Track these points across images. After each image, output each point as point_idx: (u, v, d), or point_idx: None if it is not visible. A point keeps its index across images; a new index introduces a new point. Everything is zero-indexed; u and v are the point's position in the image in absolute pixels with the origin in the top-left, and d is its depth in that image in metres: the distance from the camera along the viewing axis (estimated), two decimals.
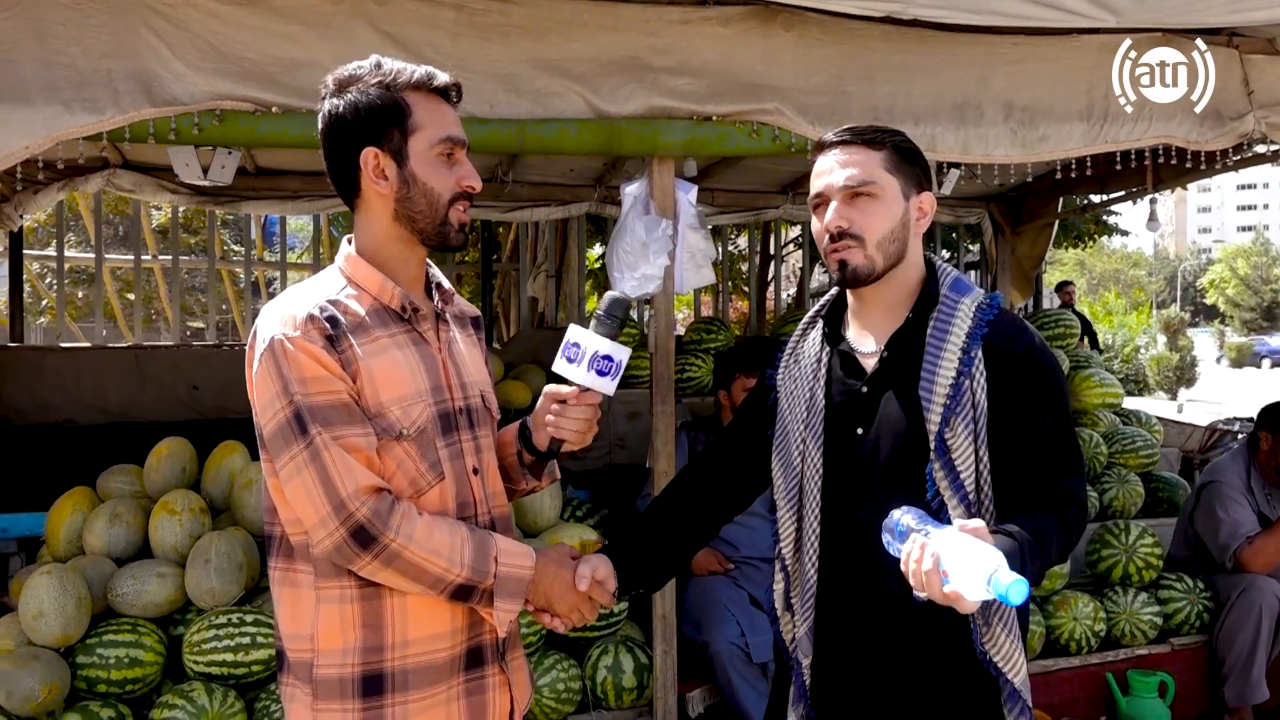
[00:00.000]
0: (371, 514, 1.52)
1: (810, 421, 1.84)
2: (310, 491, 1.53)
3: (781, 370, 1.97)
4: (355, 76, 1.63)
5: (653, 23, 3.24)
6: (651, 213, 3.27)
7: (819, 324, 1.95)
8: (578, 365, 1.72)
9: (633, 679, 3.47)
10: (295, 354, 1.54)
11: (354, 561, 1.54)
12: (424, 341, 1.69)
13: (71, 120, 2.77)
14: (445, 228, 1.66)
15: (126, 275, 11.42)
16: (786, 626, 1.92)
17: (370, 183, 1.64)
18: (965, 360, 1.72)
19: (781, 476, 1.89)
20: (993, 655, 1.72)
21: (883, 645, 1.78)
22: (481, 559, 1.60)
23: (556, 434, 1.77)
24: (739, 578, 3.79)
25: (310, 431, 1.52)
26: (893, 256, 1.79)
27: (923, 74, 3.43)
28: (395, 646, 1.60)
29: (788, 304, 8.27)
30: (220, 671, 3.06)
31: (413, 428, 1.61)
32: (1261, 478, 4.09)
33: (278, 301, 1.63)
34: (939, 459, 1.70)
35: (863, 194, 1.77)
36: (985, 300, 1.79)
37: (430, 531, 1.56)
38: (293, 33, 2.98)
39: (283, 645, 1.67)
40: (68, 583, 3.02)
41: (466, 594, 1.60)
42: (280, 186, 5.27)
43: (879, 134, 1.81)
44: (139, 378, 5.21)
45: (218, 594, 3.18)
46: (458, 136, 1.65)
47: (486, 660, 1.71)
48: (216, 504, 3.61)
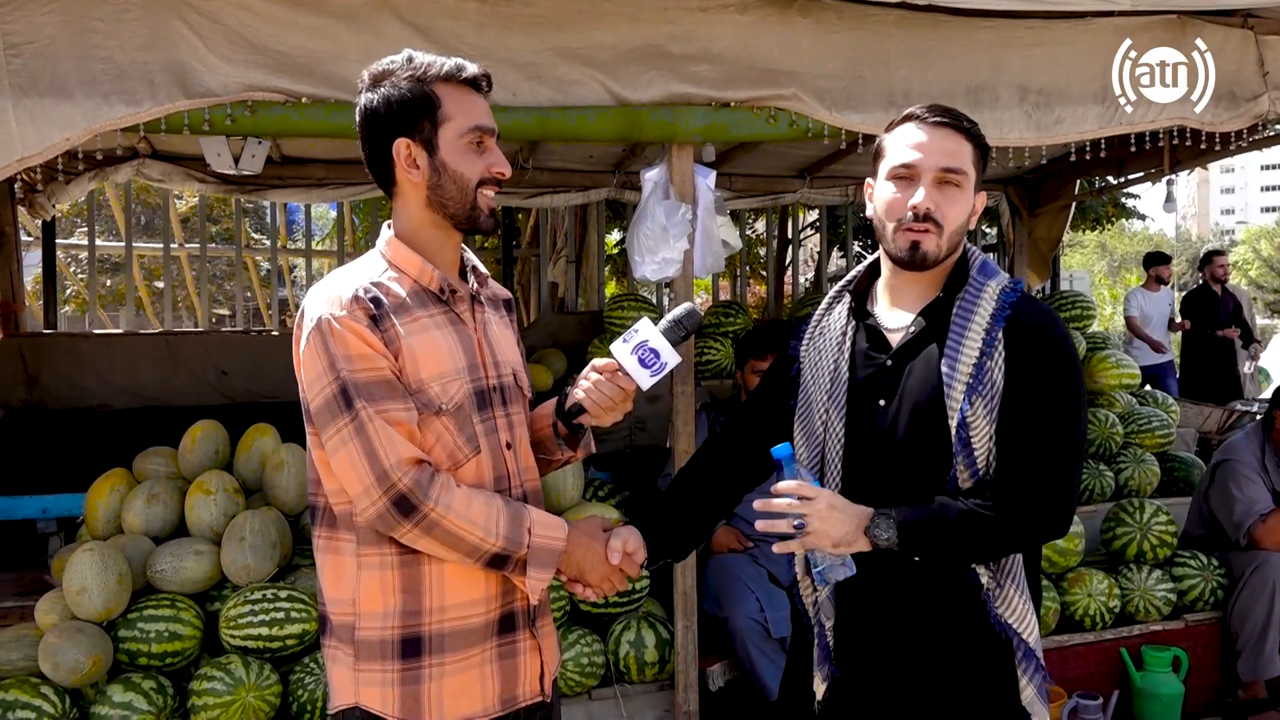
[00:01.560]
0: (413, 484, 1.60)
1: (834, 393, 1.90)
2: (355, 462, 1.61)
3: (806, 342, 2.02)
4: (388, 71, 1.71)
5: (672, 11, 3.29)
6: (671, 198, 3.33)
7: (845, 298, 1.99)
8: (627, 345, 1.81)
9: (654, 654, 3.55)
10: (342, 332, 1.62)
11: (395, 529, 1.62)
12: (460, 322, 1.77)
13: (110, 113, 2.85)
14: (475, 212, 1.74)
15: (149, 264, 11.58)
16: (807, 591, 1.98)
17: (403, 172, 1.72)
18: (988, 340, 1.76)
19: (804, 445, 1.95)
20: (1005, 616, 1.79)
21: (900, 608, 1.85)
22: (516, 529, 1.68)
23: (582, 400, 1.85)
24: (758, 555, 3.86)
25: (356, 405, 1.61)
26: (956, 248, 1.86)
27: (938, 58, 3.47)
28: (433, 611, 1.69)
29: (805, 288, 8.32)
30: (256, 645, 3.16)
31: (450, 403, 1.69)
32: (1276, 456, 4.13)
33: (324, 283, 1.72)
34: (960, 442, 1.75)
35: (951, 181, 1.80)
36: (1009, 284, 1.84)
37: (468, 502, 1.64)
38: (322, 25, 3.05)
39: (326, 610, 1.75)
40: (109, 560, 3.13)
41: (501, 562, 1.68)
42: (305, 175, 5.36)
43: (973, 124, 1.85)
44: (170, 363, 5.32)
45: (253, 571, 3.28)
46: (487, 125, 1.73)
47: (518, 626, 1.79)
48: (249, 484, 3.71)
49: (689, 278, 3.40)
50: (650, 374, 1.81)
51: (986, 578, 1.79)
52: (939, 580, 1.80)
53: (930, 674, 1.83)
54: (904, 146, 1.83)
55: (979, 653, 1.82)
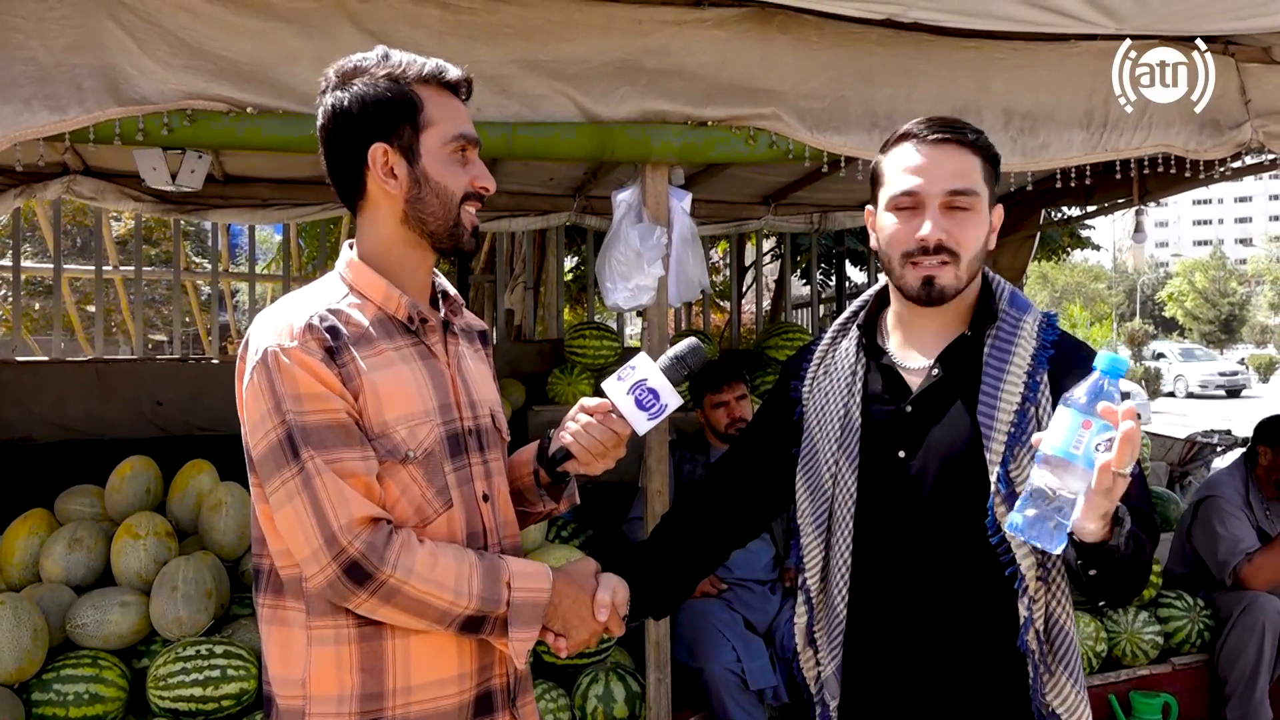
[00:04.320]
0: (365, 548, 1.38)
1: (844, 441, 1.68)
2: (302, 521, 1.39)
3: (808, 382, 1.80)
4: (361, 68, 1.50)
5: (646, 24, 3.13)
6: (645, 220, 3.14)
7: (852, 332, 1.77)
8: (622, 384, 1.60)
9: (624, 708, 3.32)
10: (290, 367, 1.40)
11: (349, 599, 1.40)
12: (432, 355, 1.56)
13: (32, 119, 2.58)
14: (458, 229, 1.54)
15: (83, 287, 11.12)
16: (808, 664, 1.77)
17: (378, 182, 1.51)
18: (1031, 385, 1.56)
19: (808, 500, 1.73)
20: (1056, 706, 1.56)
21: (923, 692, 1.62)
22: (492, 586, 1.46)
23: (570, 444, 1.63)
24: (733, 600, 3.66)
25: (302, 455, 1.38)
26: (975, 275, 1.64)
27: (923, 79, 3.35)
28: (397, 694, 1.46)
29: (764, 317, 8.17)
30: (188, 708, 2.88)
31: (420, 450, 1.47)
32: (1260, 493, 4.04)
33: (274, 310, 1.49)
34: (1004, 493, 1.53)
35: (961, 206, 1.59)
36: (1044, 319, 1.65)
37: (433, 562, 1.42)
38: (270, 30, 2.82)
39: (271, 691, 1.51)
40: (22, 613, 2.83)
41: (477, 625, 1.46)
42: (250, 194, 5.09)
43: (979, 134, 1.64)
44: (100, 393, 5.00)
45: (185, 624, 3.00)
46: (470, 134, 1.55)
47: (497, 707, 1.57)
48: (183, 526, 3.43)
49: (663, 306, 3.21)
50: (648, 417, 1.60)
51: (1037, 657, 1.56)
52: (974, 658, 1.58)
53: None
54: (903, 172, 1.62)
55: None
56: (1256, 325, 54.52)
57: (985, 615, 1.58)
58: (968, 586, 1.59)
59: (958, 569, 1.59)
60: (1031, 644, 1.56)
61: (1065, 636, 1.57)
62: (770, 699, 3.44)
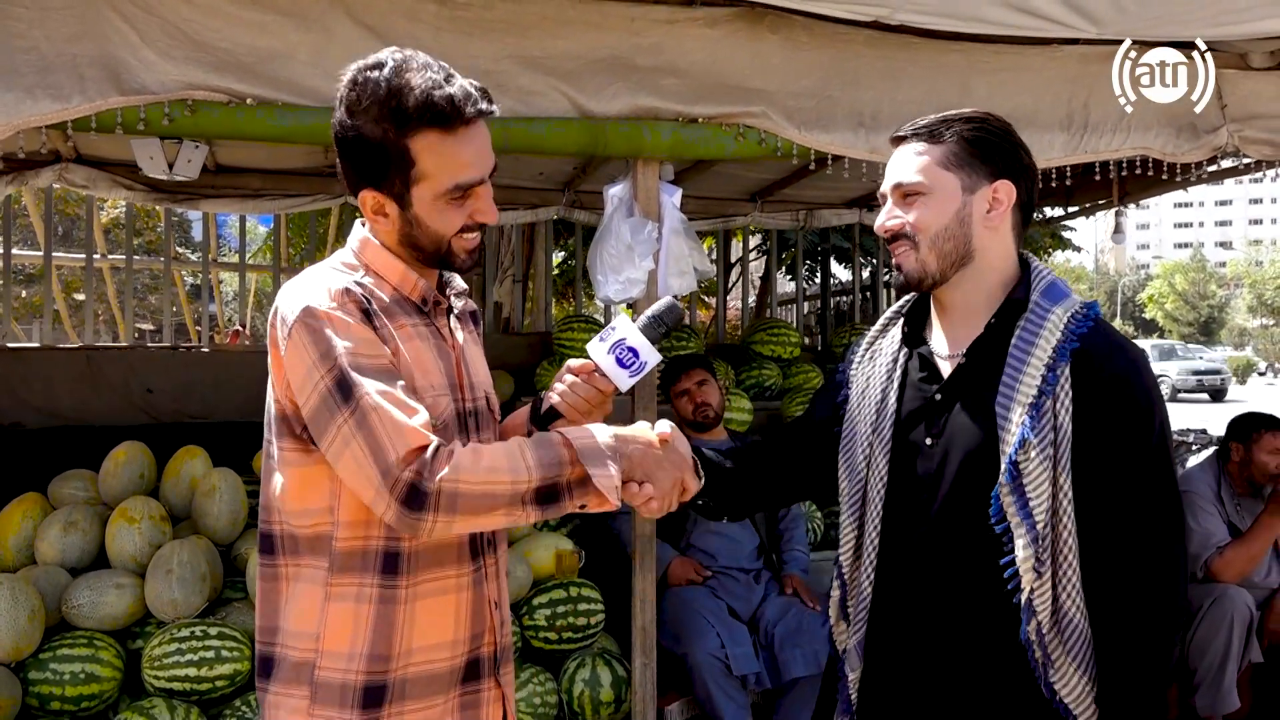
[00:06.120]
0: (415, 471, 1.39)
1: (879, 426, 1.73)
2: (361, 464, 1.41)
3: (855, 366, 1.86)
4: (367, 99, 1.47)
5: (639, 22, 3.18)
6: (636, 215, 3.20)
7: (899, 321, 1.82)
8: (604, 344, 1.66)
9: (610, 692, 3.39)
10: (341, 319, 1.44)
11: (420, 525, 1.41)
12: (440, 337, 1.62)
13: (34, 108, 2.62)
14: (450, 257, 1.59)
15: (65, 275, 11.08)
16: (840, 637, 1.82)
17: (371, 216, 1.56)
18: (1049, 378, 1.57)
19: (846, 479, 1.79)
20: (1061, 694, 1.59)
21: (936, 668, 1.66)
22: (547, 451, 1.46)
23: (557, 404, 1.69)
24: (717, 588, 3.73)
25: (356, 393, 1.41)
26: (950, 255, 1.67)
27: (908, 80, 3.42)
28: (400, 656, 1.53)
29: (749, 313, 8.24)
30: (182, 687, 2.93)
31: (439, 419, 1.53)
32: (1232, 488, 4.13)
33: (301, 281, 1.53)
34: (1009, 483, 1.57)
35: (910, 194, 1.68)
36: (1080, 309, 1.64)
37: (477, 456, 1.43)
38: (268, 22, 2.86)
39: (275, 648, 1.57)
40: (20, 594, 2.88)
41: (554, 494, 1.45)
42: (241, 185, 5.12)
43: (945, 125, 1.69)
44: (91, 380, 5.01)
45: (180, 606, 3.05)
46: (470, 180, 1.52)
47: (483, 674, 1.64)
48: (176, 511, 3.48)
49: (653, 299, 3.26)
50: (629, 374, 1.65)
51: (1037, 647, 1.59)
52: (984, 643, 1.63)
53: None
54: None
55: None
56: (1235, 328, 55.05)
57: (996, 602, 1.61)
58: (980, 574, 1.62)
59: (971, 556, 1.63)
60: (1031, 635, 1.58)
61: (1075, 629, 1.58)
62: (753, 684, 3.51)
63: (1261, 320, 52.52)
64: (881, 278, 7.39)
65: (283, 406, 1.52)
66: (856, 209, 6.02)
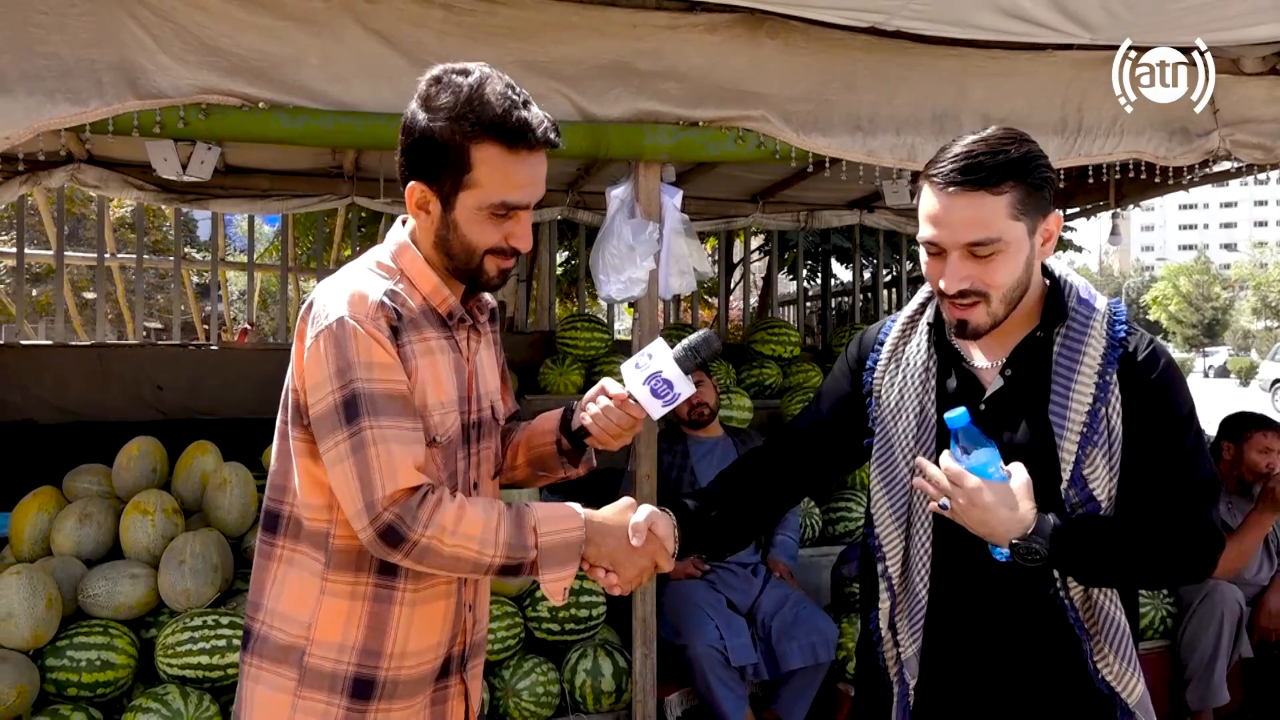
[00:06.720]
0: (400, 512, 1.48)
1: (921, 438, 1.73)
2: (349, 484, 1.49)
3: (880, 373, 1.83)
4: (446, 98, 1.53)
5: (640, 27, 3.25)
6: (637, 216, 3.28)
7: (922, 328, 1.79)
8: (640, 373, 1.72)
9: (611, 682, 3.46)
10: (365, 336, 1.50)
11: (389, 557, 1.51)
12: (457, 350, 1.67)
13: (54, 111, 2.71)
14: (478, 274, 1.63)
15: (72, 274, 11.16)
16: (889, 649, 1.81)
17: (413, 209, 1.61)
18: (1102, 385, 1.61)
19: (884, 491, 1.78)
20: (1105, 676, 1.66)
21: (993, 666, 1.72)
22: (518, 534, 1.54)
23: (589, 425, 1.75)
24: (716, 582, 3.80)
25: (361, 422, 1.48)
26: (1015, 300, 1.65)
27: (904, 85, 3.48)
28: (393, 656, 1.59)
29: (751, 313, 8.31)
30: (195, 674, 3.01)
31: (445, 435, 1.60)
32: (1223, 486, 4.19)
33: (340, 280, 1.58)
34: (1076, 490, 1.62)
35: (982, 255, 1.59)
36: (1112, 312, 1.67)
37: (460, 516, 1.51)
38: (279, 28, 2.94)
39: (265, 627, 1.62)
40: (38, 583, 2.95)
41: (514, 570, 1.55)
42: (250, 185, 5.22)
43: (1002, 172, 1.57)
44: (102, 377, 5.10)
45: (192, 596, 3.12)
46: (518, 201, 1.56)
47: (451, 671, 1.71)
48: (187, 504, 3.56)
49: (654, 298, 3.34)
50: (662, 404, 1.72)
51: (1080, 632, 1.66)
52: (1038, 636, 1.68)
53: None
54: (925, 219, 1.63)
55: (1077, 709, 1.68)
56: (1239, 330, 54.97)
57: (1045, 598, 1.68)
58: (1031, 575, 1.66)
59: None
60: (1073, 622, 1.66)
61: (1107, 618, 1.64)
62: (751, 675, 3.59)
63: (1266, 322, 52.45)
64: (882, 278, 7.45)
65: (298, 396, 1.57)
66: (857, 210, 6.08)
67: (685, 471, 4.03)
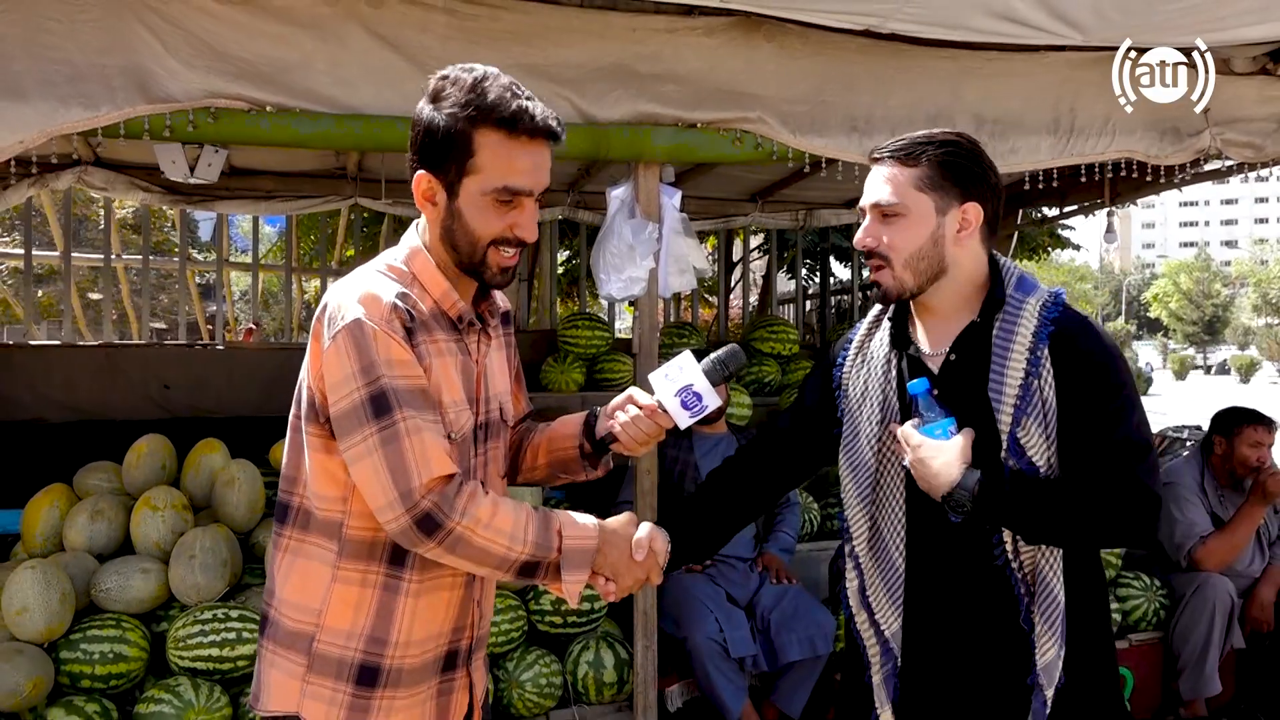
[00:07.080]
0: (438, 500, 1.53)
1: (885, 421, 1.88)
2: (379, 475, 1.53)
3: (848, 368, 1.99)
4: (450, 90, 1.59)
5: (640, 31, 3.31)
6: (637, 216, 3.34)
7: (885, 324, 1.96)
8: (670, 384, 1.78)
9: (613, 674, 3.53)
10: (384, 337, 1.55)
11: (419, 546, 1.56)
12: (467, 353, 1.72)
13: (66, 115, 2.77)
14: (483, 268, 1.66)
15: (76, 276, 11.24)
16: (863, 624, 1.94)
17: (420, 201, 1.66)
18: (1033, 360, 1.74)
19: (850, 474, 1.93)
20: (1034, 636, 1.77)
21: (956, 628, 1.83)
22: (545, 534, 1.61)
23: (618, 433, 1.82)
24: (715, 575, 3.86)
25: (395, 414, 1.53)
26: (926, 273, 1.81)
27: (899, 86, 3.54)
28: (399, 645, 1.65)
29: (750, 311, 8.38)
30: (205, 667, 3.07)
31: (459, 434, 1.65)
32: (1215, 480, 4.25)
33: (352, 284, 1.62)
34: (1014, 457, 1.73)
35: (888, 215, 1.80)
36: (1049, 298, 1.80)
37: (493, 511, 1.57)
38: (286, 33, 3.00)
39: (278, 613, 1.67)
40: (52, 578, 3.01)
41: (532, 570, 1.62)
42: (255, 186, 5.28)
43: (919, 148, 1.80)
44: (110, 376, 5.16)
45: (203, 590, 3.19)
46: (520, 186, 1.60)
47: (458, 664, 1.75)
48: (196, 501, 3.62)
49: (654, 297, 3.40)
50: (690, 415, 1.79)
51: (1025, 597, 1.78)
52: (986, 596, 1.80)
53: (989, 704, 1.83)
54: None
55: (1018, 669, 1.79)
56: (1239, 327, 55.01)
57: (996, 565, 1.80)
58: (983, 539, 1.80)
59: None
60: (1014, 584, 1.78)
61: (1045, 587, 1.75)
62: (750, 667, 3.65)
63: (1266, 319, 52.49)
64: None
65: (314, 394, 1.62)
66: (855, 209, 6.13)
67: (689, 467, 4.09)
